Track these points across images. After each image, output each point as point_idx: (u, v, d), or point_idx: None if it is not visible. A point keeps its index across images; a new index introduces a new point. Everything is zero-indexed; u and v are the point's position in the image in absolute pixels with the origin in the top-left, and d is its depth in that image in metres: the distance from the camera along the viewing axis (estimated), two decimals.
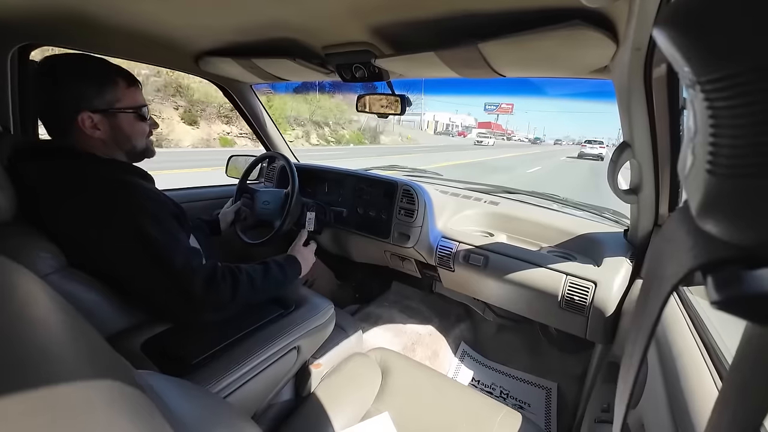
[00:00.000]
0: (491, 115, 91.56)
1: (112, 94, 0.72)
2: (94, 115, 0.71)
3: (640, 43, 0.54)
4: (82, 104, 0.69)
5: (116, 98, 0.73)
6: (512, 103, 72.92)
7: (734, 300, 0.12)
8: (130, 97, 0.76)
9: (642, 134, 0.72)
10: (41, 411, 0.17)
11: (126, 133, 0.76)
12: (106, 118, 0.72)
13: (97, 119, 0.71)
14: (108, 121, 0.73)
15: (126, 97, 0.75)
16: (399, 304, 1.64)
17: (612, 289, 0.90)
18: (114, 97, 0.73)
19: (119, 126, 0.74)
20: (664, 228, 0.19)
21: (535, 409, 1.24)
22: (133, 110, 0.76)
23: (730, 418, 0.14)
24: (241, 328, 0.77)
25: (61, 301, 0.25)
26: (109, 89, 0.72)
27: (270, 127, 1.62)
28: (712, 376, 0.43)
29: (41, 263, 0.64)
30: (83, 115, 0.69)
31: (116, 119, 0.74)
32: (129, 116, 0.76)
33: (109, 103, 0.72)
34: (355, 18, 0.73)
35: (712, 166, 0.12)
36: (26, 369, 0.18)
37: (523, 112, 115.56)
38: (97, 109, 0.71)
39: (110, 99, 0.72)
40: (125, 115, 0.75)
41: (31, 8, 0.76)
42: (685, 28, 0.12)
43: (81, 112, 0.69)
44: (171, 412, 0.30)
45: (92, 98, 0.70)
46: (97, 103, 0.71)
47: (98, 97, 0.71)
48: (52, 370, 0.19)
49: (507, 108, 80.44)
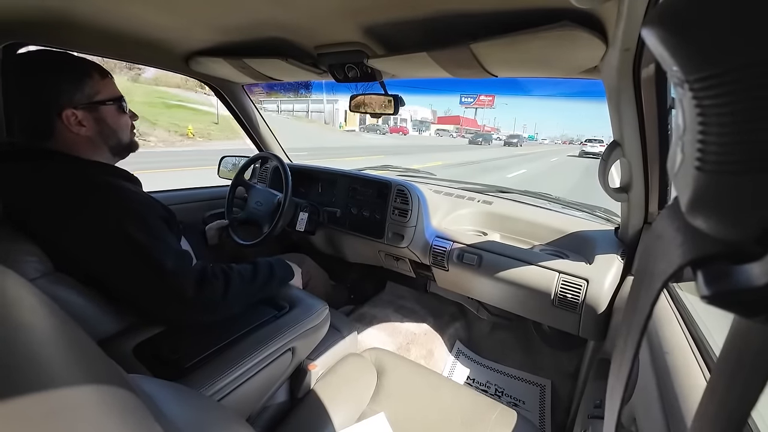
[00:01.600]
0: (469, 109, 74.83)
1: (90, 87, 0.70)
2: (77, 112, 0.69)
3: (629, 44, 0.54)
4: (63, 100, 0.67)
5: (95, 91, 0.71)
6: (493, 95, 56.22)
7: (723, 294, 0.12)
8: (108, 89, 0.74)
9: (631, 133, 0.73)
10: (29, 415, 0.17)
11: (111, 127, 0.74)
12: (89, 113, 0.71)
13: (81, 115, 0.69)
14: (92, 116, 0.71)
15: (104, 89, 0.73)
16: (393, 304, 1.64)
17: (603, 286, 0.92)
18: (93, 90, 0.71)
19: (104, 120, 0.73)
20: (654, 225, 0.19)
21: (530, 407, 1.25)
22: (113, 102, 0.74)
23: (718, 407, 0.14)
24: (235, 331, 0.76)
25: (51, 305, 0.25)
26: (87, 82, 0.70)
27: (263, 128, 1.61)
28: (702, 370, 0.44)
29: (28, 267, 0.62)
30: (67, 111, 0.68)
31: (99, 113, 0.72)
32: (111, 108, 0.74)
33: (89, 97, 0.70)
34: (347, 18, 0.72)
35: (701, 163, 0.12)
36: (14, 373, 0.18)
37: (503, 104, 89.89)
38: (78, 104, 0.69)
39: (89, 92, 0.70)
40: (107, 107, 0.73)
41: (17, 7, 0.74)
42: (673, 27, 0.12)
43: (64, 108, 0.67)
44: (164, 416, 0.29)
45: (72, 93, 0.68)
46: (78, 98, 0.69)
47: (78, 92, 0.69)
48: (40, 374, 0.19)
49: (486, 101, 64.11)
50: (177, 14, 0.78)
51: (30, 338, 0.20)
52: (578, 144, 64.93)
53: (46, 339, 0.21)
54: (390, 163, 1.82)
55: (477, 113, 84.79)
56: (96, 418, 0.20)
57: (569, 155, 24.39)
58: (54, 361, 0.20)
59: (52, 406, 0.18)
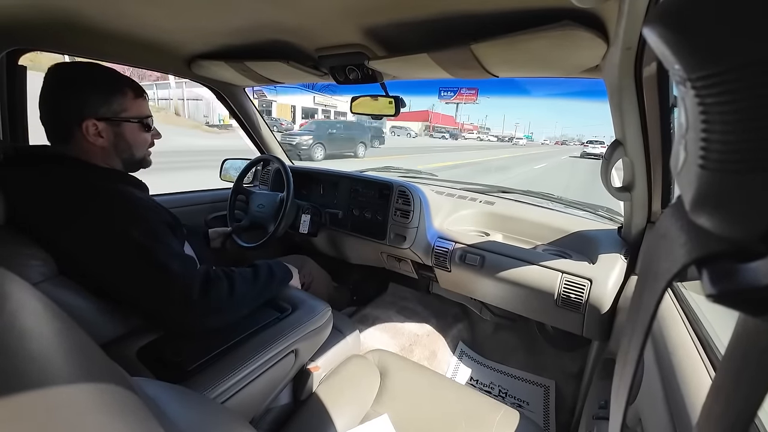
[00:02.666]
0: (450, 104, 60.23)
1: (120, 103, 0.74)
2: (99, 123, 0.72)
3: (630, 43, 0.54)
4: (88, 111, 0.70)
5: (123, 108, 0.74)
6: (476, 88, 45.93)
7: (729, 293, 0.12)
8: (137, 108, 0.77)
9: (633, 132, 0.72)
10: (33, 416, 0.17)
11: (128, 142, 0.77)
12: (110, 127, 0.73)
13: (102, 127, 0.72)
14: (112, 129, 0.74)
15: (133, 107, 0.76)
16: (396, 305, 1.64)
17: (607, 286, 0.91)
18: (121, 106, 0.74)
19: (122, 135, 0.76)
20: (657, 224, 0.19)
21: (534, 408, 1.24)
22: (138, 120, 0.77)
23: (724, 406, 0.14)
24: (237, 333, 0.76)
25: (54, 309, 0.25)
26: (117, 98, 0.73)
27: (264, 130, 1.61)
28: (707, 369, 0.44)
29: (32, 271, 0.63)
30: (88, 122, 0.70)
31: (120, 128, 0.75)
32: (133, 126, 0.77)
33: (116, 113, 0.73)
34: (348, 20, 0.73)
35: (704, 161, 0.12)
36: (18, 376, 0.18)
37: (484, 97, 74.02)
38: (102, 117, 0.72)
39: (117, 108, 0.73)
40: (130, 124, 0.76)
41: (21, 13, 0.75)
42: (674, 26, 0.12)
43: (86, 119, 0.70)
44: (167, 419, 0.29)
45: (99, 106, 0.71)
46: (104, 111, 0.72)
47: (105, 106, 0.72)
48: (44, 377, 0.19)
49: (467, 96, 49.68)
50: (180, 18, 0.78)
51: (33, 342, 0.20)
52: (572, 145, 62.27)
53: (49, 342, 0.21)
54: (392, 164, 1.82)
55: (459, 109, 72.45)
56: (99, 420, 0.20)
57: (572, 156, 21.96)
58: (57, 364, 0.20)
59: (55, 408, 0.18)
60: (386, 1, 0.64)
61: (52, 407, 0.18)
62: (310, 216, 1.34)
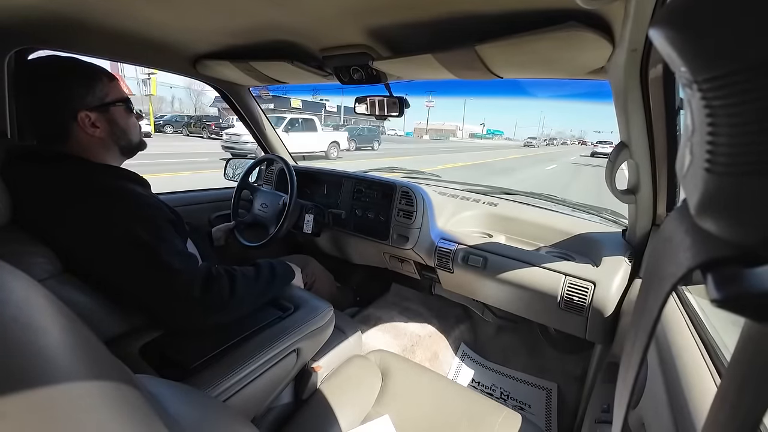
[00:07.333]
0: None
1: (101, 89, 0.74)
2: (91, 114, 0.72)
3: (636, 44, 0.54)
4: (78, 104, 0.70)
5: (105, 93, 0.74)
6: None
7: (734, 298, 0.12)
8: (116, 91, 0.77)
9: (639, 134, 0.72)
10: (37, 412, 0.17)
11: (122, 128, 0.77)
12: (102, 115, 0.74)
13: (95, 117, 0.72)
14: (104, 117, 0.74)
15: (112, 91, 0.76)
16: (398, 306, 1.64)
17: (611, 289, 0.91)
18: (103, 92, 0.74)
19: (115, 121, 0.76)
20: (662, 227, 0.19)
21: (536, 410, 1.24)
22: (122, 103, 0.77)
23: (729, 413, 0.14)
24: (240, 332, 0.77)
25: (59, 305, 0.25)
26: (98, 85, 0.73)
27: (268, 130, 1.62)
28: (712, 374, 0.43)
29: (37, 269, 0.63)
30: (81, 114, 0.70)
31: (111, 114, 0.75)
32: (120, 109, 0.77)
33: (101, 99, 0.73)
34: (352, 20, 0.73)
35: (710, 165, 0.12)
36: (23, 371, 0.18)
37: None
38: (91, 107, 0.72)
39: (100, 95, 0.73)
40: (117, 108, 0.76)
41: (29, 12, 0.75)
42: (681, 27, 0.12)
43: (79, 111, 0.70)
44: (169, 416, 0.29)
45: (85, 96, 0.71)
46: (90, 101, 0.72)
47: (90, 95, 0.72)
48: (48, 373, 0.19)
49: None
50: (185, 18, 0.79)
51: (38, 338, 0.20)
52: (562, 145, 63.95)
53: (54, 339, 0.21)
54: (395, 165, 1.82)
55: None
56: (102, 416, 0.20)
57: (571, 161, 18.33)
58: (62, 360, 0.20)
59: (58, 403, 0.18)
60: (391, 2, 0.64)
61: (55, 402, 0.18)
62: (314, 216, 1.34)
